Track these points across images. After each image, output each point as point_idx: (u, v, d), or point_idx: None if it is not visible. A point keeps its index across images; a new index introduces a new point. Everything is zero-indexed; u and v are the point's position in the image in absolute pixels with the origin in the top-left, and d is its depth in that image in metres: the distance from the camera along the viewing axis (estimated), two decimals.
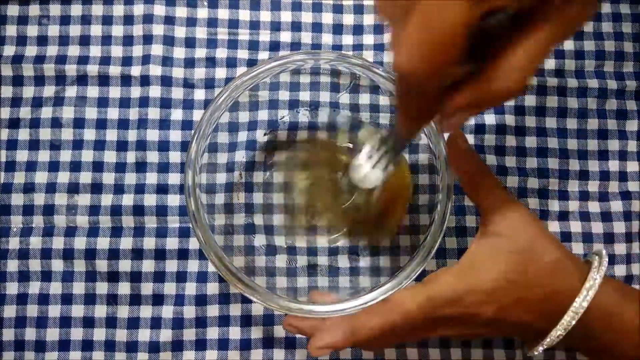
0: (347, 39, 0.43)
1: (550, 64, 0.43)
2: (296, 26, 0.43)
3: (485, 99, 0.24)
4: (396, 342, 0.36)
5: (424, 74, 0.21)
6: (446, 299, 0.30)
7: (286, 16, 0.43)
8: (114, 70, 0.42)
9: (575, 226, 0.42)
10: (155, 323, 0.40)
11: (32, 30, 0.42)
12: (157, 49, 0.42)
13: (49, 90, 0.41)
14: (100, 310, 0.40)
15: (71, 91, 0.41)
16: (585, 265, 0.33)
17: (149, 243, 0.40)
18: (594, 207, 0.42)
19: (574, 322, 0.30)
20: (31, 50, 0.42)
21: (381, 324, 0.31)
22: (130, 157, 0.41)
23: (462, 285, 0.31)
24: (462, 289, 0.30)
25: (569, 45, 0.43)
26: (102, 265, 0.40)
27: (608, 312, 0.31)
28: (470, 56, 0.22)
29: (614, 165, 0.43)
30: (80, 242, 0.40)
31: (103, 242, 0.40)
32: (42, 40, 0.42)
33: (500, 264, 0.31)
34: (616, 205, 0.42)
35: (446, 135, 0.35)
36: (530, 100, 0.43)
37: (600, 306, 0.30)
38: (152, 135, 0.41)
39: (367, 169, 0.32)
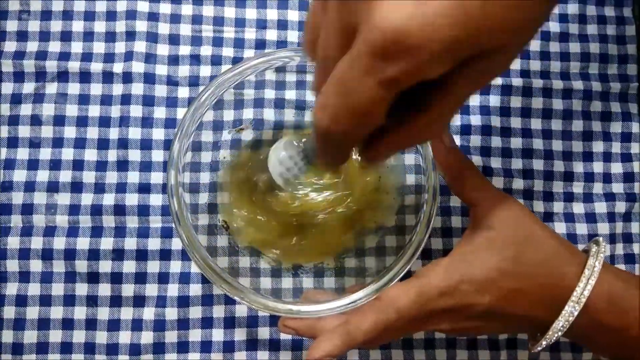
0: None
1: (535, 65, 0.43)
2: (282, 24, 0.42)
3: (403, 147, 0.26)
4: (393, 338, 0.36)
5: (338, 135, 0.23)
6: (439, 291, 0.30)
7: (272, 14, 0.42)
8: (96, 66, 0.41)
9: (560, 227, 0.42)
10: (137, 325, 0.39)
11: (11, 25, 0.41)
12: (140, 46, 0.41)
13: (28, 87, 0.41)
14: (80, 312, 0.39)
15: (51, 88, 0.41)
16: (583, 253, 0.32)
17: (130, 243, 0.39)
18: (578, 208, 0.42)
19: (576, 313, 0.29)
20: (10, 46, 0.41)
21: (376, 322, 0.30)
22: (112, 155, 0.40)
23: (454, 276, 0.30)
24: (455, 279, 0.30)
25: (554, 47, 0.44)
26: (82, 265, 0.39)
27: (612, 300, 0.30)
28: (390, 111, 0.23)
29: (598, 166, 0.43)
30: (59, 242, 0.39)
31: (83, 242, 0.39)
32: (22, 36, 0.41)
33: (493, 254, 0.31)
34: (600, 207, 0.42)
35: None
36: (515, 101, 0.43)
37: (604, 293, 0.30)
38: (135, 133, 0.40)
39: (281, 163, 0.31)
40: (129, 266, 0.39)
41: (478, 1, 0.19)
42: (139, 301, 0.39)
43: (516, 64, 0.43)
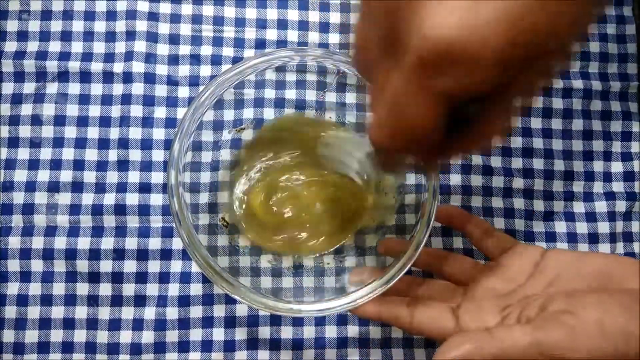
0: (334, 37, 0.43)
1: None
2: (282, 24, 0.42)
3: (463, 153, 0.26)
4: None
5: (394, 148, 0.23)
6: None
7: (272, 14, 0.43)
8: (96, 66, 0.41)
9: (560, 226, 0.42)
10: (137, 324, 0.39)
11: (12, 25, 0.41)
12: (140, 46, 0.41)
13: (29, 87, 0.41)
14: (81, 312, 0.39)
15: (52, 88, 0.41)
16: None
17: (131, 243, 0.39)
18: (578, 207, 0.42)
19: None
20: (11, 46, 0.41)
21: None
22: (112, 155, 0.40)
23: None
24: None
25: None
26: (82, 265, 0.39)
27: None
28: (450, 122, 0.23)
29: (598, 165, 0.43)
30: (60, 242, 0.39)
31: (84, 242, 0.39)
32: (23, 36, 0.41)
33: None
34: (600, 206, 0.42)
35: None
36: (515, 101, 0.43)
37: None
38: (135, 133, 0.40)
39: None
40: (129, 266, 0.39)
41: (531, 2, 0.19)
42: (140, 301, 0.39)
43: None
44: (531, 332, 0.28)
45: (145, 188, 0.40)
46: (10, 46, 0.41)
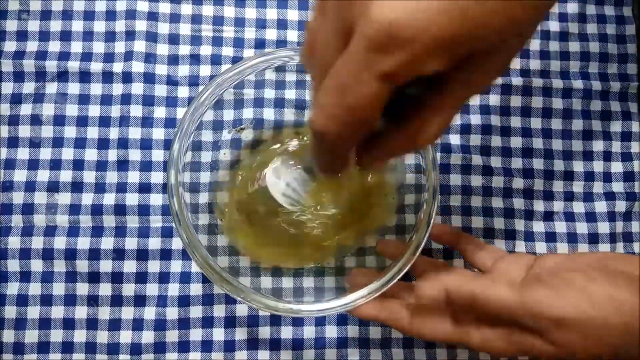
0: None
1: (535, 64, 0.43)
2: (282, 24, 0.42)
3: (400, 151, 0.26)
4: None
5: (335, 135, 0.23)
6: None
7: (272, 14, 0.42)
8: (96, 66, 0.41)
9: (560, 226, 0.42)
10: (137, 324, 0.39)
11: (11, 25, 0.41)
12: (139, 45, 0.41)
13: (28, 87, 0.41)
14: (81, 312, 0.39)
15: (51, 87, 0.41)
16: None
17: (131, 243, 0.39)
18: (578, 207, 0.42)
19: None
20: (10, 46, 0.41)
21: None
22: (112, 155, 0.40)
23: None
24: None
25: (554, 46, 0.44)
26: (82, 265, 0.39)
27: None
28: (387, 113, 0.23)
29: (598, 165, 0.43)
30: (60, 242, 0.39)
31: (84, 242, 0.39)
32: (22, 36, 0.41)
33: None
34: (600, 206, 0.42)
35: None
36: (515, 101, 0.43)
37: None
38: (135, 133, 0.40)
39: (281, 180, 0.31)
40: (129, 266, 0.39)
41: None
42: (140, 301, 0.39)
43: (516, 63, 0.43)
44: (518, 289, 0.29)
45: (145, 188, 0.40)
46: (10, 46, 0.41)
